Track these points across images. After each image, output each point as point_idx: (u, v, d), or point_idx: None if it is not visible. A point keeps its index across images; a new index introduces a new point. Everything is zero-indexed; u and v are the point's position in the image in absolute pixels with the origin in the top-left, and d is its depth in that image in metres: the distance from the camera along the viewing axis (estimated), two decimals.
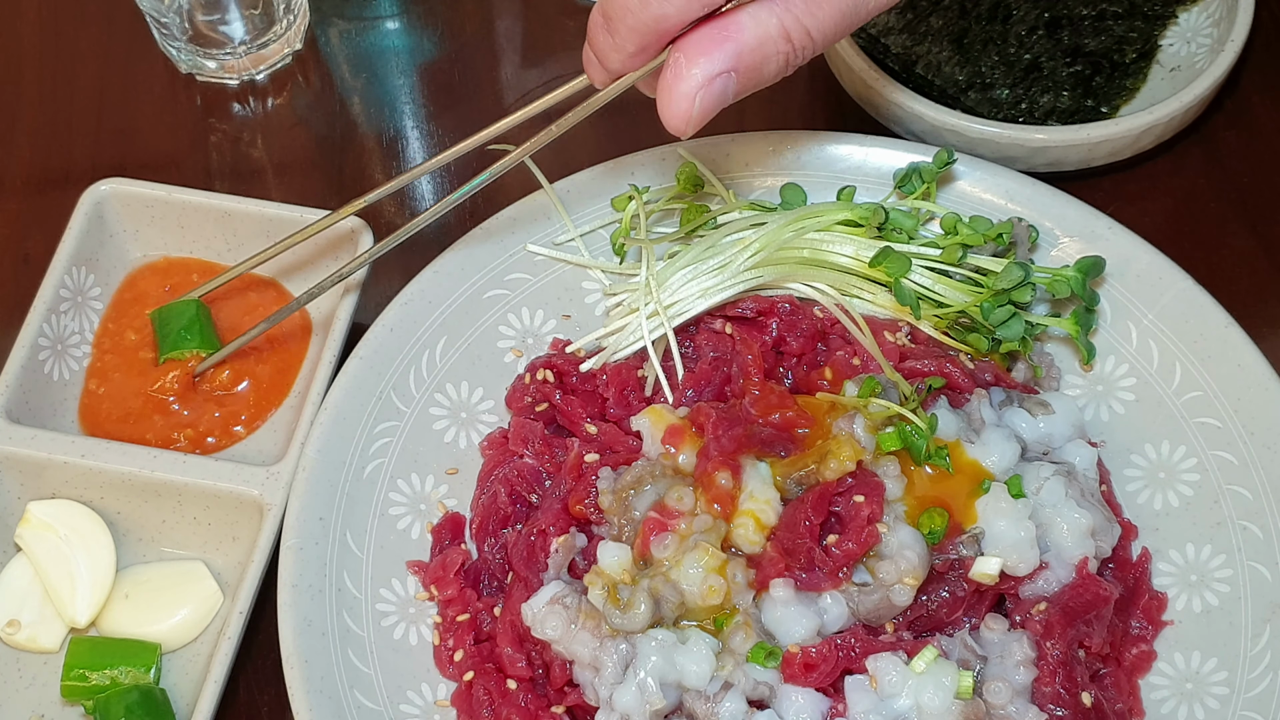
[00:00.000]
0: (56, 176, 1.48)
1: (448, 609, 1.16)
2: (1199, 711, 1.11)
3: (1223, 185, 1.43)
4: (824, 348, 1.24)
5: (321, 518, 1.17)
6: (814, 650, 1.06)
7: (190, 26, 1.47)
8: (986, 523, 1.11)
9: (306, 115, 1.51)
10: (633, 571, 1.09)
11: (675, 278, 1.25)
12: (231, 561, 1.24)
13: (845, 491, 1.10)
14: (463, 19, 1.57)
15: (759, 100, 1.50)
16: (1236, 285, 1.34)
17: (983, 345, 1.22)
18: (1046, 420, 1.18)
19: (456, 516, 1.22)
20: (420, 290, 1.26)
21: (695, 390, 1.20)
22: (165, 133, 1.50)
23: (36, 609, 1.21)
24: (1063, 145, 1.33)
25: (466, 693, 1.13)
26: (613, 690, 1.05)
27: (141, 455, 1.21)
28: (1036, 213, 1.29)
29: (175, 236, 1.36)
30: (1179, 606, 1.16)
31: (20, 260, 1.42)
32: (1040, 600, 1.11)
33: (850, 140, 1.33)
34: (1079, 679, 1.08)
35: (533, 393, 1.24)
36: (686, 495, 1.10)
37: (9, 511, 1.23)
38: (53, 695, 1.18)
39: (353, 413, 1.21)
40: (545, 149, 1.17)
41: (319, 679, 1.10)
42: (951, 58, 1.42)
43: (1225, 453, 1.19)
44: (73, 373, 1.31)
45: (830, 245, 1.25)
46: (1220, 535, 1.17)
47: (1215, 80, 1.35)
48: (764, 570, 1.08)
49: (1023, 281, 1.20)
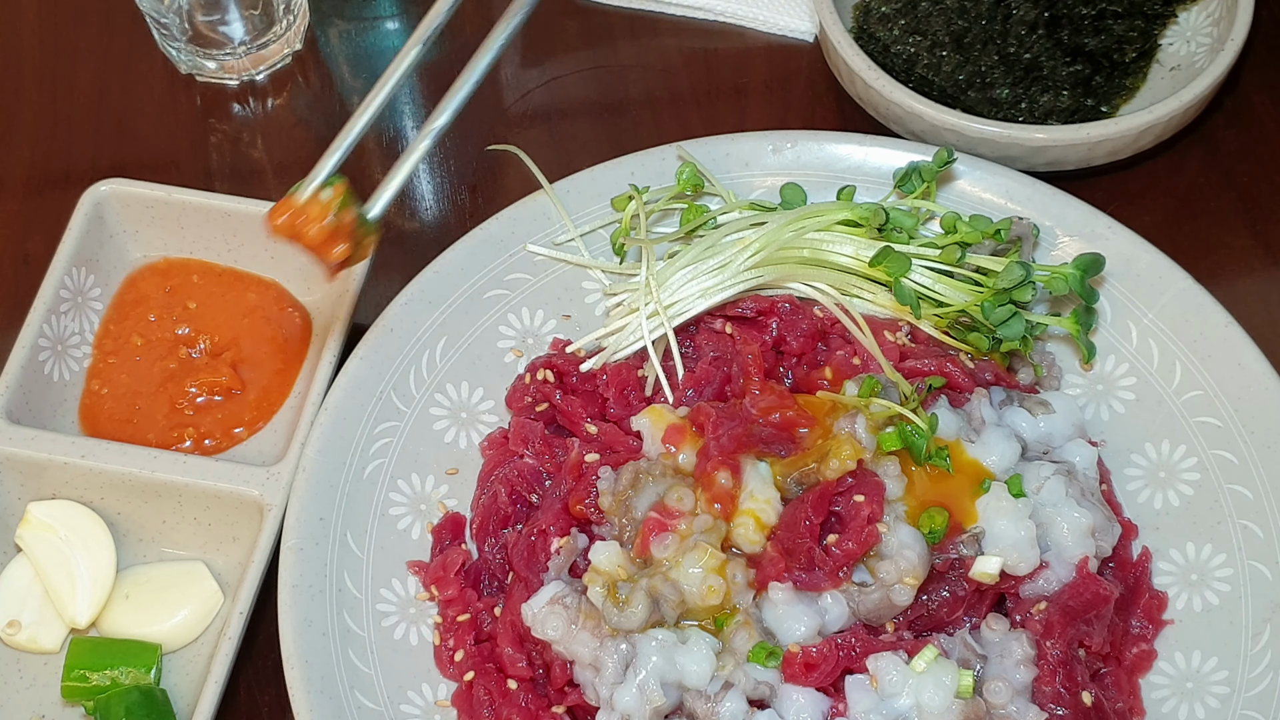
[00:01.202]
0: (56, 176, 1.48)
1: (448, 609, 1.16)
2: (1199, 711, 1.11)
3: (1222, 185, 1.43)
4: (824, 347, 1.24)
5: (322, 518, 1.17)
6: (814, 650, 1.06)
7: (190, 27, 1.47)
8: (987, 522, 1.11)
9: (306, 115, 1.51)
10: (628, 569, 1.09)
11: (675, 278, 1.25)
12: (232, 562, 1.24)
13: (845, 491, 1.10)
14: (463, 19, 1.56)
15: (759, 100, 1.51)
16: (1236, 285, 1.34)
17: (983, 345, 1.22)
18: (1047, 420, 1.18)
19: (457, 516, 1.22)
20: (420, 290, 1.26)
21: (695, 390, 1.20)
22: (165, 133, 1.50)
23: (37, 609, 1.21)
24: (1063, 145, 1.33)
25: (467, 693, 1.13)
26: (613, 690, 1.05)
27: (142, 456, 1.21)
28: (1036, 212, 1.29)
29: (175, 237, 1.36)
30: (1179, 606, 1.16)
31: (20, 260, 1.42)
32: (1040, 600, 1.11)
33: (850, 140, 1.33)
34: (1079, 678, 1.08)
35: (533, 393, 1.24)
36: (686, 495, 1.10)
37: (9, 512, 1.23)
38: (53, 696, 1.18)
39: (353, 413, 1.21)
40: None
41: (319, 679, 1.10)
42: (951, 58, 1.42)
43: (1225, 452, 1.19)
44: (73, 373, 1.31)
45: (830, 245, 1.25)
46: (1220, 534, 1.17)
47: (1215, 80, 1.34)
48: (764, 570, 1.08)
49: (1023, 281, 1.20)
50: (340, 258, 1.12)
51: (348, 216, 1.12)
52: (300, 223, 1.11)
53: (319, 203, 1.11)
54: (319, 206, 1.11)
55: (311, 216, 1.11)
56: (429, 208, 1.45)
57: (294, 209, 1.11)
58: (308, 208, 1.11)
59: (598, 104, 1.51)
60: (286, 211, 1.11)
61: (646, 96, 1.51)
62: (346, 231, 1.12)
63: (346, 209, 1.12)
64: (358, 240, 1.12)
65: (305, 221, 1.11)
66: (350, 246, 1.12)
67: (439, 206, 1.45)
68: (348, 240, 1.11)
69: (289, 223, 1.10)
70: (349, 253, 1.12)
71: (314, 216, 1.11)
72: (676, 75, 1.52)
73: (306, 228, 1.11)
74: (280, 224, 1.10)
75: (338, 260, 1.12)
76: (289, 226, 1.10)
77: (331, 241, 1.11)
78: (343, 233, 1.12)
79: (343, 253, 1.11)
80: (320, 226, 1.11)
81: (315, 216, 1.11)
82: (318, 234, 1.11)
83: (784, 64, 1.52)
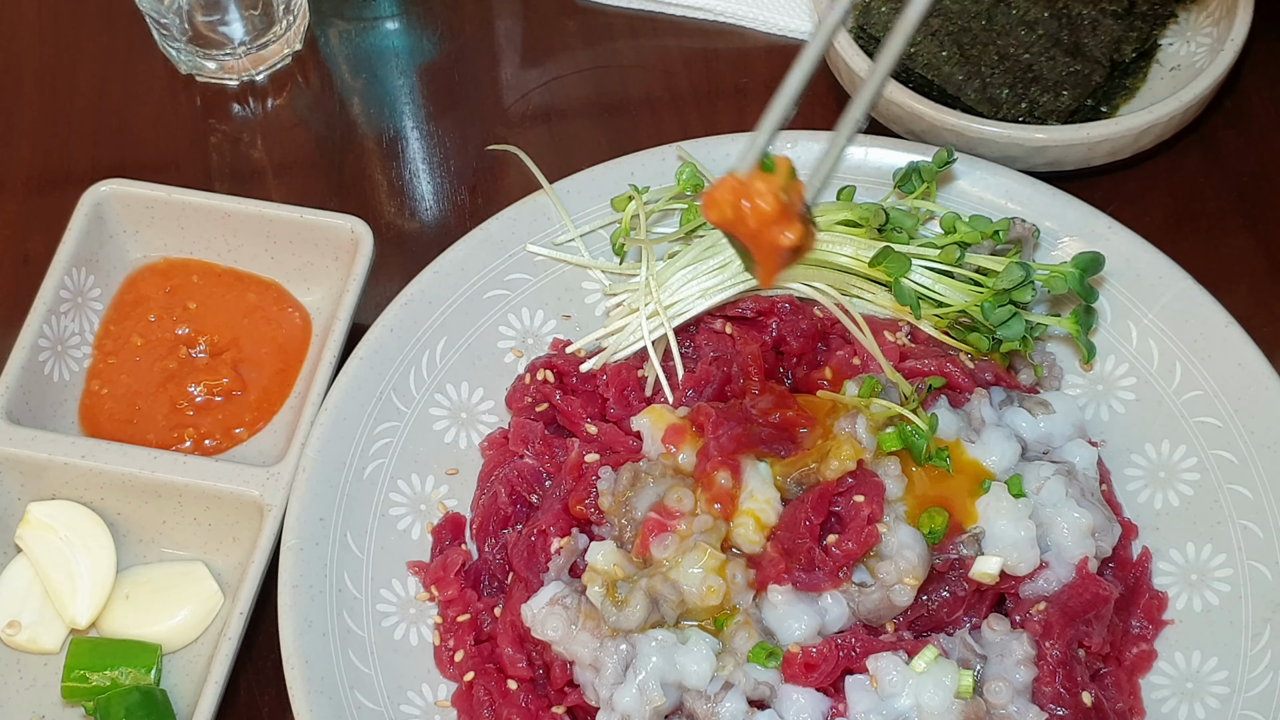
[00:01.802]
0: (56, 177, 1.48)
1: (448, 609, 1.16)
2: (1199, 711, 1.11)
3: (1222, 185, 1.43)
4: (824, 348, 1.24)
5: (322, 518, 1.17)
6: (814, 650, 1.06)
7: (190, 27, 1.47)
8: (987, 522, 1.11)
9: (306, 116, 1.51)
10: (625, 568, 1.09)
11: (675, 278, 1.25)
12: (232, 562, 1.24)
13: (845, 491, 1.10)
14: (462, 19, 1.57)
15: (759, 100, 1.51)
16: (1236, 285, 1.34)
17: (983, 345, 1.22)
18: (1047, 420, 1.18)
19: (457, 517, 1.22)
20: (420, 290, 1.26)
21: (695, 390, 1.20)
22: (165, 133, 1.50)
23: (37, 610, 1.21)
24: (1063, 145, 1.33)
25: (467, 693, 1.13)
26: (613, 691, 1.05)
27: (142, 456, 1.21)
28: (1036, 212, 1.29)
29: (175, 237, 1.36)
30: (1179, 606, 1.16)
31: (20, 261, 1.42)
32: (1040, 600, 1.11)
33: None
34: (1079, 678, 1.08)
35: (533, 393, 1.24)
36: (686, 496, 1.10)
37: (9, 512, 1.23)
38: (53, 696, 1.18)
39: (353, 413, 1.21)
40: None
41: (319, 679, 1.10)
42: (951, 57, 1.41)
43: (1225, 452, 1.19)
44: (73, 374, 1.31)
45: (830, 245, 1.25)
46: (1220, 534, 1.17)
47: (1215, 80, 1.35)
48: (764, 570, 1.08)
49: (1023, 281, 1.20)
50: (791, 245, 0.93)
51: (796, 196, 0.93)
52: (744, 203, 0.93)
53: (766, 178, 0.93)
54: (766, 183, 0.93)
55: (757, 195, 0.93)
56: (429, 208, 1.45)
57: (737, 185, 0.93)
58: (751, 185, 0.93)
59: (598, 104, 1.51)
60: (729, 188, 0.93)
61: (646, 96, 1.51)
62: (795, 214, 0.93)
63: (794, 187, 0.94)
64: (805, 226, 0.94)
65: (750, 202, 0.93)
66: (803, 232, 0.93)
67: (439, 206, 1.45)
68: (797, 224, 0.93)
69: (733, 201, 0.93)
70: (800, 240, 0.94)
71: (760, 194, 0.93)
72: (676, 75, 1.52)
73: (751, 209, 0.93)
74: (722, 202, 0.93)
75: (788, 248, 0.93)
76: (733, 206, 0.93)
77: (780, 224, 0.93)
78: (791, 215, 0.93)
79: (795, 239, 0.93)
80: (768, 207, 0.93)
81: (762, 194, 0.93)
82: (767, 214, 0.93)
83: (784, 64, 1.49)
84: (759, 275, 0.96)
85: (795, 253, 0.94)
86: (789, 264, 0.94)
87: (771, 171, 0.93)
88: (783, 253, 0.94)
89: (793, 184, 0.93)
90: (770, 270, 0.96)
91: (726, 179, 0.94)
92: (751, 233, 0.94)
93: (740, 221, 0.94)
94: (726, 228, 0.95)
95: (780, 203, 0.92)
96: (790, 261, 0.94)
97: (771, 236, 0.93)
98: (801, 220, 0.93)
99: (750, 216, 0.93)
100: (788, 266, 0.95)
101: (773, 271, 0.96)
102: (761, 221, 0.93)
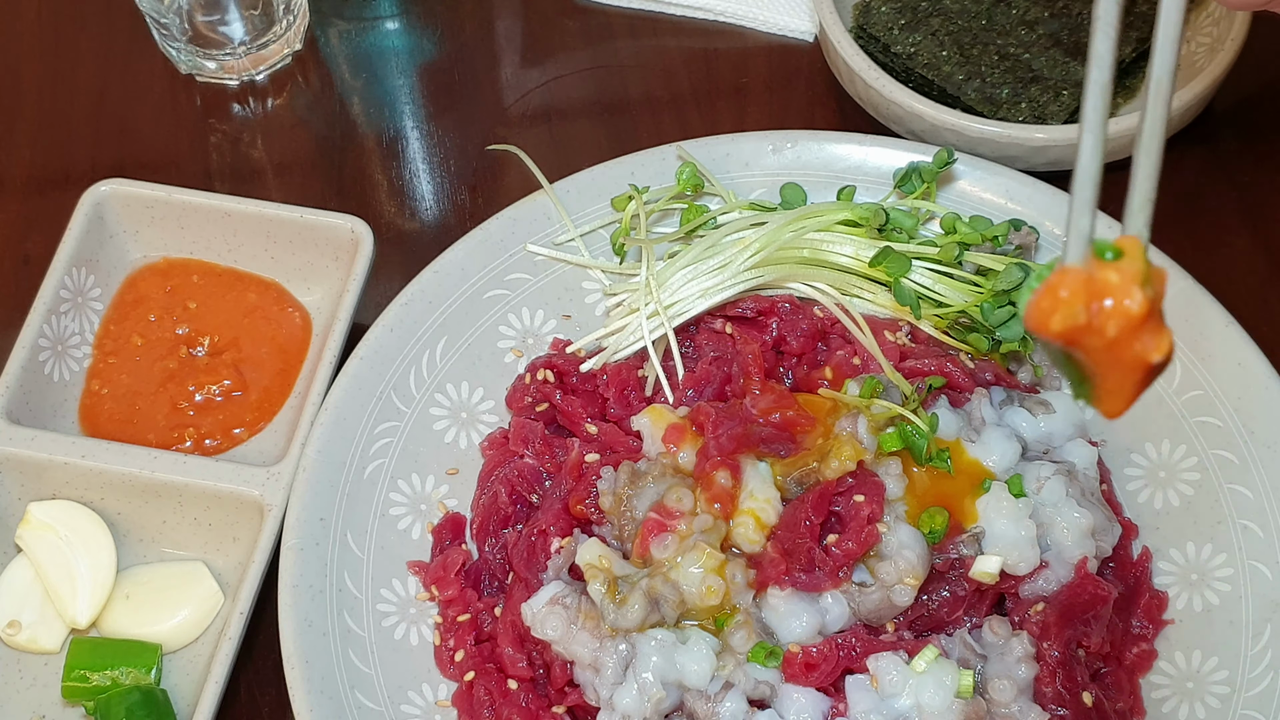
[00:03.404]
0: (56, 177, 1.48)
1: (448, 609, 1.16)
2: (1200, 710, 1.11)
3: (1223, 185, 1.43)
4: (824, 347, 1.24)
5: (322, 518, 1.17)
6: (815, 650, 1.06)
7: (190, 27, 1.47)
8: (987, 522, 1.11)
9: (306, 116, 1.51)
10: (612, 560, 1.08)
11: (675, 278, 1.25)
12: (232, 562, 1.24)
13: (845, 491, 1.10)
14: (462, 19, 1.57)
15: (759, 100, 1.51)
16: (1236, 285, 1.34)
17: (983, 345, 1.22)
18: (1047, 419, 1.18)
19: (457, 516, 1.22)
20: (420, 290, 1.26)
21: (695, 390, 1.20)
22: (165, 133, 1.50)
23: (37, 610, 1.21)
24: (1063, 145, 1.33)
25: (467, 693, 1.13)
26: (613, 690, 1.05)
27: (142, 456, 1.21)
28: (1036, 212, 1.29)
29: (175, 237, 1.36)
30: (1179, 605, 1.16)
31: (20, 261, 1.42)
32: (1039, 600, 1.11)
33: (850, 140, 1.33)
34: (1079, 678, 1.08)
35: (533, 393, 1.24)
36: (686, 495, 1.10)
37: (9, 512, 1.23)
38: (53, 696, 1.18)
39: (353, 413, 1.21)
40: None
41: (320, 679, 1.10)
42: (951, 58, 1.42)
43: (1225, 452, 1.19)
44: (73, 373, 1.31)
45: (830, 245, 1.26)
46: (1220, 534, 1.17)
47: (1215, 80, 1.35)
48: (764, 570, 1.08)
49: (1023, 282, 1.20)
50: (1161, 360, 0.70)
51: (1160, 288, 0.71)
52: (1097, 310, 0.69)
53: (1118, 269, 0.69)
54: (1121, 275, 0.69)
55: (1117, 292, 0.69)
56: (429, 208, 1.45)
57: (1086, 278, 0.68)
58: (1103, 279, 0.69)
59: (598, 104, 1.51)
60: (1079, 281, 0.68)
61: (646, 96, 1.51)
62: (1160, 316, 0.70)
63: (1157, 276, 0.71)
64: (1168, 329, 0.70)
65: (1114, 301, 0.69)
66: (1171, 342, 0.70)
67: (439, 206, 1.45)
68: (1164, 329, 0.70)
69: (1083, 309, 0.68)
70: (1169, 353, 0.70)
71: (1120, 291, 0.69)
72: (676, 75, 1.52)
73: (1114, 311, 0.69)
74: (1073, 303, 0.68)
75: (1155, 366, 0.70)
76: (1082, 316, 0.68)
77: (1147, 331, 0.69)
78: (1158, 317, 0.70)
79: (1166, 353, 0.70)
80: (1137, 309, 0.68)
81: (1123, 290, 0.69)
82: (1135, 318, 0.69)
83: (784, 64, 1.52)
84: (1106, 402, 0.73)
85: (1159, 371, 0.71)
86: (1148, 385, 0.72)
87: (1118, 259, 0.70)
88: (1149, 370, 0.71)
89: (1154, 272, 0.70)
90: (1128, 395, 0.72)
91: (1069, 272, 0.70)
92: (1108, 344, 0.70)
93: (1092, 331, 0.70)
94: (1068, 340, 0.70)
95: (1148, 300, 0.69)
96: (1151, 382, 0.71)
97: (1137, 349, 0.70)
98: (1161, 318, 0.70)
99: (1109, 322, 0.69)
100: (1147, 388, 0.72)
101: (1131, 397, 0.72)
102: (1126, 328, 0.69)
